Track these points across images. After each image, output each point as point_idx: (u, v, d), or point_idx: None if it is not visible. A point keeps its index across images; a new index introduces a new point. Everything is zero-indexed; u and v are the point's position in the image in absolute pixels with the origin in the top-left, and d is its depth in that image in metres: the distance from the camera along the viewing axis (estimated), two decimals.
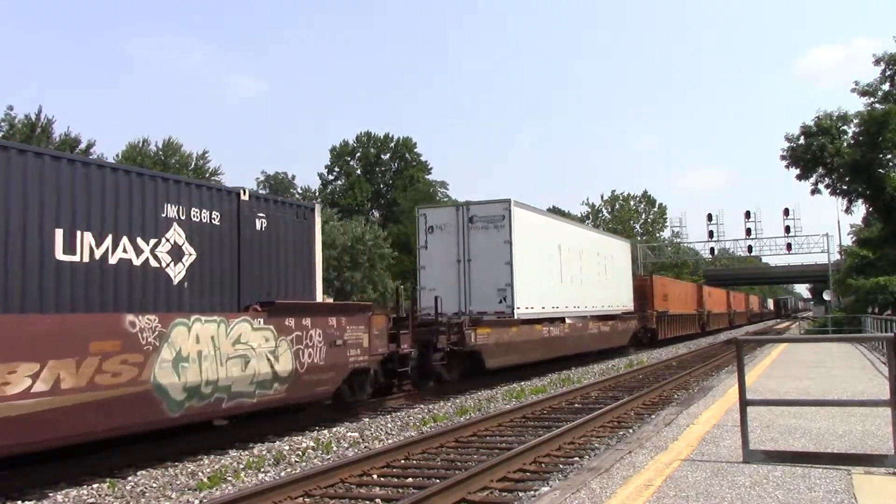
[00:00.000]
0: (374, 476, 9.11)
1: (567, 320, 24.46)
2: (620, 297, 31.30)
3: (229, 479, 9.15)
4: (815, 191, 40.80)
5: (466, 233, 20.75)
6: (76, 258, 9.28)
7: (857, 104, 50.61)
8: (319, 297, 14.03)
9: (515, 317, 20.31)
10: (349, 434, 12.11)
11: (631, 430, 11.68)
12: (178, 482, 9.00)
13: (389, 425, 13.06)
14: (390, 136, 77.76)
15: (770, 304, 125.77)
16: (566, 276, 24.44)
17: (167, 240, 10.65)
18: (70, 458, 9.49)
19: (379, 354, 14.55)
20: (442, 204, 21.53)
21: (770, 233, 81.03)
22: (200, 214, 11.27)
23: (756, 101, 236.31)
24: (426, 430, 12.62)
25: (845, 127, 39.85)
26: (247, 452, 10.69)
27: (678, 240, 74.28)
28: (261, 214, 12.51)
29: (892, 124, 35.74)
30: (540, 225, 22.87)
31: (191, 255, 11.01)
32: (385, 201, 77.12)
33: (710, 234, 60.76)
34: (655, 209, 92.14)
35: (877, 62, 38.15)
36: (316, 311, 12.83)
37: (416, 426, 13.11)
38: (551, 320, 23.11)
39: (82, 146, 49.94)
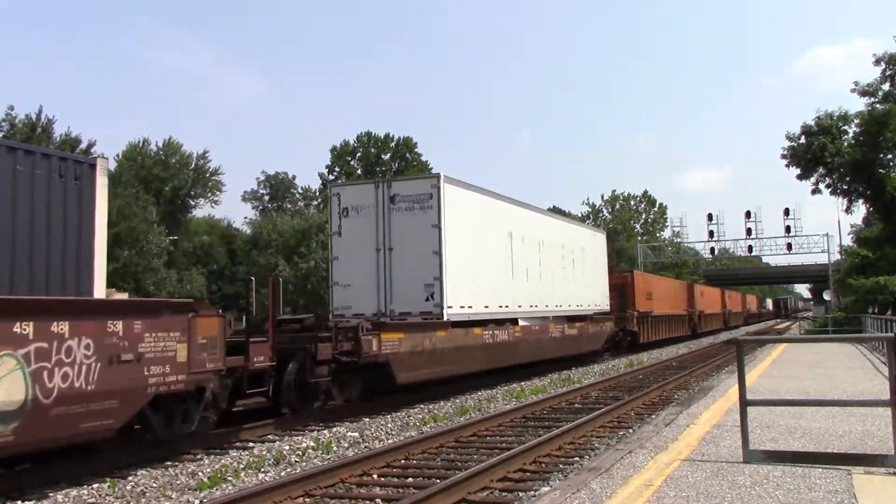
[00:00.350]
0: (375, 476, 9.11)
1: (520, 322, 20.92)
2: (592, 296, 27.56)
3: (229, 479, 9.15)
4: (815, 191, 40.96)
5: (387, 216, 17.20)
6: None
7: (857, 104, 50.70)
8: (100, 292, 10.61)
9: (445, 318, 16.73)
10: (349, 434, 12.11)
11: (631, 430, 11.68)
12: (178, 482, 9.00)
13: (389, 425, 13.05)
14: (391, 136, 77.91)
15: (769, 303, 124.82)
16: (520, 269, 20.92)
17: None
18: (70, 458, 9.50)
19: (208, 371, 10.43)
20: (358, 181, 16.32)
21: (770, 233, 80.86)
22: None
23: (756, 100, 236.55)
24: (426, 430, 12.62)
25: (846, 127, 39.95)
26: (247, 452, 10.69)
27: (678, 240, 74.46)
28: None
29: (892, 124, 35.82)
30: (482, 207, 19.21)
31: None
32: None
33: (711, 234, 60.98)
34: (655, 209, 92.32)
35: (877, 62, 38.28)
36: (81, 312, 8.77)
37: (416, 426, 13.10)
38: (499, 322, 19.54)
39: (82, 146, 50.03)
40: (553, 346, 23.23)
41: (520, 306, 20.85)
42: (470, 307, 17.96)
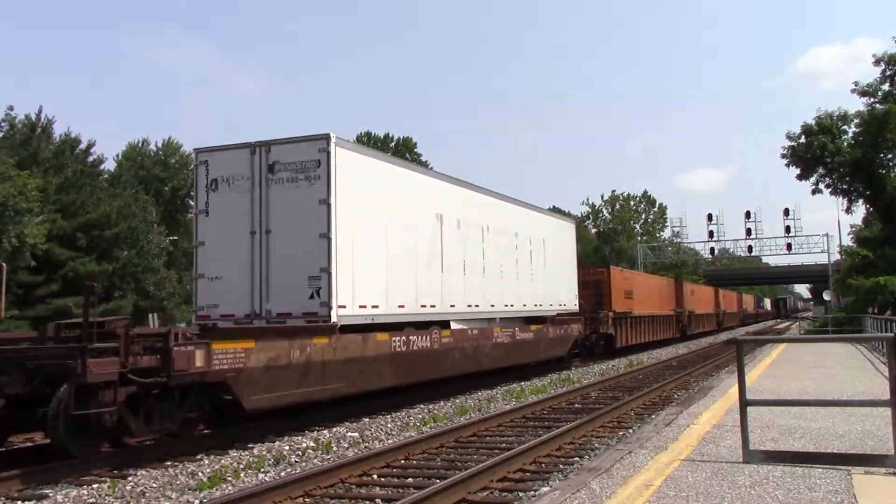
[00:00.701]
0: (374, 476, 9.11)
1: (453, 325, 17.23)
2: (556, 294, 23.84)
3: (229, 479, 9.14)
4: (815, 190, 40.99)
5: (265, 189, 13.69)
6: None
7: (857, 104, 50.76)
8: None
9: (334, 320, 13.05)
10: (349, 434, 12.10)
11: (631, 431, 11.68)
12: (178, 482, 9.00)
13: (389, 425, 13.05)
14: (390, 136, 77.82)
15: (767, 303, 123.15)
16: (453, 261, 17.21)
17: None
18: (70, 458, 9.49)
19: None
20: (231, 144, 14.01)
21: (770, 233, 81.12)
22: None
23: (756, 100, 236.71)
24: (426, 430, 12.61)
25: (846, 126, 39.98)
26: (247, 452, 10.68)
27: (678, 240, 74.44)
28: None
29: (892, 124, 35.82)
30: (396, 181, 15.41)
31: None
32: None
33: (711, 234, 61.01)
34: (655, 209, 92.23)
35: (877, 62, 38.29)
36: None
37: (416, 426, 13.10)
38: (421, 325, 15.87)
39: (82, 146, 50.01)
40: (500, 354, 19.39)
41: (452, 306, 17.26)
42: (375, 307, 14.36)
